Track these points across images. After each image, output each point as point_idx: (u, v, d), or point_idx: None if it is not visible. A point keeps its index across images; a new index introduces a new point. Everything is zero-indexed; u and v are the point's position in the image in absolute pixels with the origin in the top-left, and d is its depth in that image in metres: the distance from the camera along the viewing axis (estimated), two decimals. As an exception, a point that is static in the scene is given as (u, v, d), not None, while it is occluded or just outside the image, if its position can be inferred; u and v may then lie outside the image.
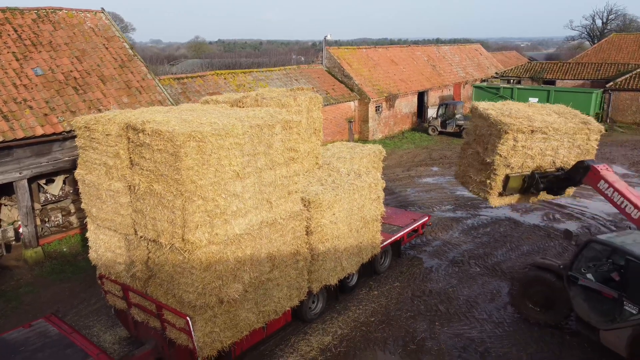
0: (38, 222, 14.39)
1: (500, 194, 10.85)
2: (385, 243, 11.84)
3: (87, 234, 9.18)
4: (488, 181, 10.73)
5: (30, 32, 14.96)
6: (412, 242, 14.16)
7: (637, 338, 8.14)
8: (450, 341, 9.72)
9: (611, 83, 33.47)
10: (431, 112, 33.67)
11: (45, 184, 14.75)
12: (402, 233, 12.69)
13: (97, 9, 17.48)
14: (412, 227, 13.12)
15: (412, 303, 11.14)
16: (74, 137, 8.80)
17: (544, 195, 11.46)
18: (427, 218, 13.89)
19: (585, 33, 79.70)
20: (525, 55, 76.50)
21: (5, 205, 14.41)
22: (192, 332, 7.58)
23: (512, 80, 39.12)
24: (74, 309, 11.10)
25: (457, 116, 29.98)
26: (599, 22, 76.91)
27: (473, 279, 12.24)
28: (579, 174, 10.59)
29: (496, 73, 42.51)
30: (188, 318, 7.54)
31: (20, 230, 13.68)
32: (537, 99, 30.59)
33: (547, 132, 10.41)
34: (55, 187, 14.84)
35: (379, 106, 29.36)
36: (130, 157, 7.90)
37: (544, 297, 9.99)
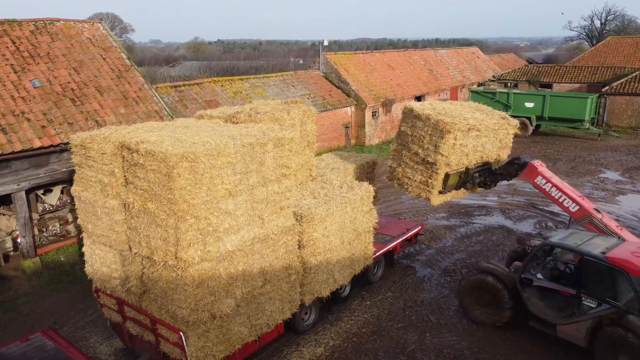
0: (36, 231, 14.56)
1: (440, 192, 11.11)
2: (378, 253, 12.00)
3: (83, 249, 9.37)
4: (430, 181, 10.92)
5: (28, 44, 15.13)
6: (405, 250, 14.33)
7: (596, 329, 9.00)
8: (440, 352, 9.89)
9: (607, 87, 33.64)
10: (428, 116, 33.72)
11: (43, 194, 14.92)
12: (395, 243, 12.86)
13: (95, 19, 17.66)
14: (405, 237, 13.30)
15: (404, 314, 11.31)
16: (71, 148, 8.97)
17: (473, 189, 11.94)
18: (420, 227, 14.06)
19: (584, 34, 80.00)
20: (523, 55, 76.72)
21: (3, 215, 14.59)
22: (186, 347, 7.77)
23: (509, 84, 39.33)
24: (71, 320, 11.28)
25: None
26: (597, 23, 77.26)
27: (465, 288, 12.39)
28: (515, 169, 11.31)
29: (493, 76, 42.71)
30: (181, 333, 7.72)
31: (18, 240, 13.85)
32: (532, 104, 30.80)
33: (480, 129, 10.73)
34: (53, 197, 15.01)
35: (375, 111, 29.54)
36: (125, 176, 8.08)
37: (486, 298, 10.60)
